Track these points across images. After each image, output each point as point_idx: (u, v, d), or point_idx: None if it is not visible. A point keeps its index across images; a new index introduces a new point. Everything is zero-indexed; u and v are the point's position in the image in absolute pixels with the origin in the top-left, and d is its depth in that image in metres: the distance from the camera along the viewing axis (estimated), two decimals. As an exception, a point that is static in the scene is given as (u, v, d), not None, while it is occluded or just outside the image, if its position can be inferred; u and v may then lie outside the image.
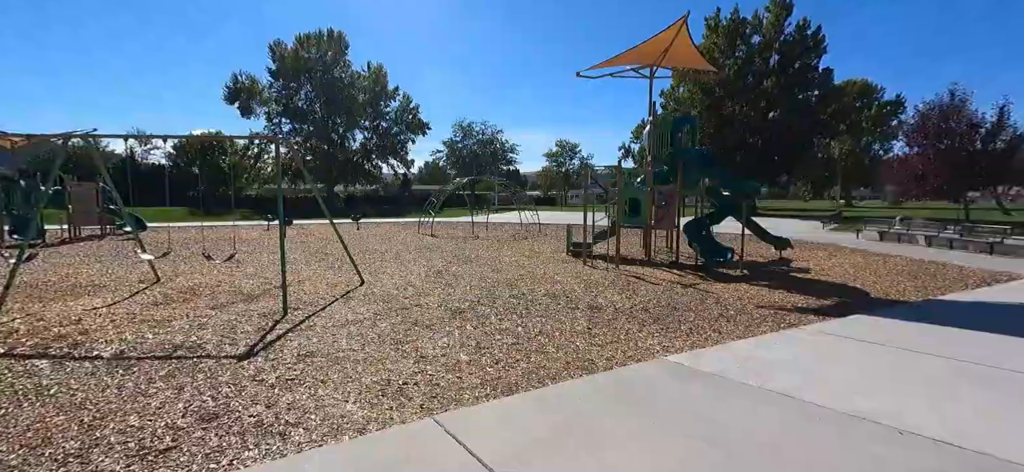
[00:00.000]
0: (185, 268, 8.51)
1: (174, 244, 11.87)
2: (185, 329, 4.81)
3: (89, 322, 5.06)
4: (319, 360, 3.91)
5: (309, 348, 4.21)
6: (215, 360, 3.90)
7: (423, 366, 3.79)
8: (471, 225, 17.92)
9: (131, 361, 3.88)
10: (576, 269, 9.07)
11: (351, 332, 4.69)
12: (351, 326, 4.90)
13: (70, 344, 4.32)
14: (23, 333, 4.64)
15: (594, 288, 7.17)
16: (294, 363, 3.83)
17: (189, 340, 4.44)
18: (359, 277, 7.44)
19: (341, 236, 7.74)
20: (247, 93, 44.34)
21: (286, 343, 4.36)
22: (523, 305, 5.93)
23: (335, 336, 4.55)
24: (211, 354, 4.05)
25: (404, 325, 4.96)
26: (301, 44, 45.25)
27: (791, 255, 11.31)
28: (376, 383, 3.45)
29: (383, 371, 3.68)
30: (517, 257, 10.75)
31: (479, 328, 4.90)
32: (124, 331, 4.72)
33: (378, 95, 48.83)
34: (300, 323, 5.04)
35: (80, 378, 3.51)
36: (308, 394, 3.26)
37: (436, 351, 4.15)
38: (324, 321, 5.08)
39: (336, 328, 4.83)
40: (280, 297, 5.94)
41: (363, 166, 49.43)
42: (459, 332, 4.77)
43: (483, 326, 4.98)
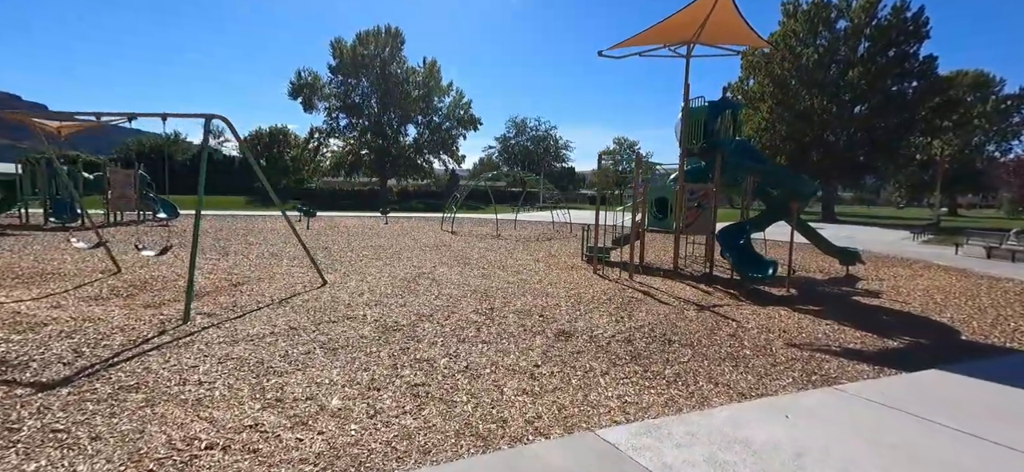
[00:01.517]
0: (169, 259, 8.25)
1: (184, 233, 11.95)
2: (42, 338, 4.22)
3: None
4: (131, 401, 2.96)
5: (142, 379, 3.29)
6: (6, 387, 3.12)
7: (257, 417, 2.83)
8: (496, 223, 16.94)
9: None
10: (581, 278, 7.79)
11: (230, 354, 3.81)
12: (244, 344, 4.06)
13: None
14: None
15: (584, 305, 5.90)
16: (95, 401, 2.92)
17: (17, 353, 3.80)
18: (321, 278, 6.67)
19: (297, 231, 7.07)
20: (309, 89, 46.24)
21: (125, 367, 3.50)
22: (477, 325, 4.83)
23: (203, 360, 3.67)
24: (10, 379, 3.29)
25: (307, 346, 4.05)
26: (361, 41, 46.54)
27: (861, 272, 9.23)
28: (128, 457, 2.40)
29: (178, 430, 2.76)
30: (524, 261, 9.60)
31: (395, 356, 3.88)
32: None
33: (431, 90, 49.24)
34: (187, 336, 4.27)
35: None
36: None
37: (302, 392, 3.17)
38: (221, 335, 4.29)
39: (222, 346, 4.00)
40: (223, 296, 5.28)
41: (415, 161, 50.09)
42: (365, 359, 3.78)
43: (403, 353, 3.95)
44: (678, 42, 9.19)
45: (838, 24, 33.39)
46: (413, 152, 50.03)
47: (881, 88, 31.39)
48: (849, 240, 16.02)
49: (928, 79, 31.58)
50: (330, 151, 49.01)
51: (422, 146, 50.19)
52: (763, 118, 35.10)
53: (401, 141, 50.05)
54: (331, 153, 49.03)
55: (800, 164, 34.96)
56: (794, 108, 33.62)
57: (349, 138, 48.04)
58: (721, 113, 8.73)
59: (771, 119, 34.78)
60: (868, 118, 32.50)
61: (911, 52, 31.69)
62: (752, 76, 37.16)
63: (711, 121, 8.56)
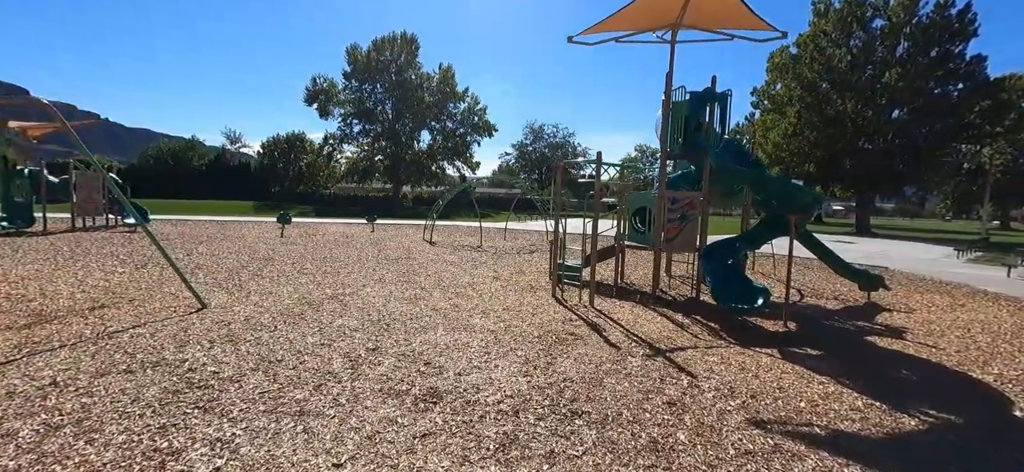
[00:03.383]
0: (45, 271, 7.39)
1: (167, 238, 11.24)
2: None
3: None
4: None
5: None
6: None
7: None
8: (480, 232, 15.70)
9: None
10: (531, 303, 6.48)
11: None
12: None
13: None
14: None
15: (501, 346, 4.60)
16: None
17: None
18: (199, 301, 5.58)
19: (158, 242, 5.95)
20: (325, 95, 46.33)
21: None
22: (322, 381, 3.62)
23: None
24: None
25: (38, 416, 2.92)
26: (376, 48, 46.43)
27: (886, 299, 7.58)
28: None
29: None
30: (481, 279, 8.35)
31: (133, 436, 2.70)
32: None
33: (446, 96, 48.72)
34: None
35: None
36: None
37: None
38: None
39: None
40: (56, 324, 4.25)
41: (429, 167, 49.53)
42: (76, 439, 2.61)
43: (159, 431, 2.77)
44: (662, 26, 7.83)
45: (874, 23, 30.94)
46: (427, 158, 49.52)
47: (922, 91, 28.76)
48: (881, 256, 14.09)
49: (976, 80, 28.70)
50: (344, 157, 48.97)
51: (436, 152, 49.63)
52: (790, 124, 32.82)
53: (415, 147, 49.66)
54: (346, 159, 48.98)
55: (832, 173, 32.48)
56: (825, 113, 31.26)
57: (363, 144, 47.91)
58: (705, 106, 7.29)
59: (799, 125, 32.46)
60: (908, 123, 29.88)
61: (956, 51, 28.93)
62: (779, 79, 34.94)
63: (693, 116, 7.14)
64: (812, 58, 31.46)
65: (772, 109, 35.73)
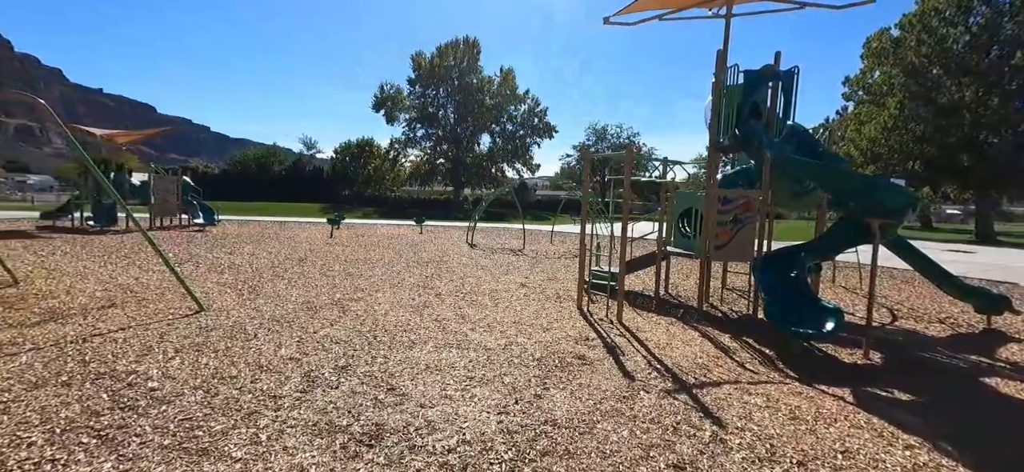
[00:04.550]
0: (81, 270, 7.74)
1: (221, 237, 11.86)
2: None
3: None
4: None
5: None
6: None
7: None
8: (523, 235, 15.00)
9: None
10: (550, 316, 5.71)
11: None
12: None
13: None
14: None
15: (494, 368, 3.90)
16: None
17: None
18: (197, 304, 5.43)
19: (154, 244, 5.86)
20: (391, 101, 48.16)
21: None
22: (238, 416, 3.15)
23: None
24: None
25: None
26: (440, 53, 47.52)
27: (1013, 326, 5.89)
28: None
29: None
30: (507, 286, 7.69)
31: None
32: None
33: (507, 99, 48.74)
34: None
35: None
36: None
37: None
38: None
39: None
40: (58, 323, 4.25)
41: (489, 169, 49.78)
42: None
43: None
44: (712, 2, 6.73)
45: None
46: (487, 161, 49.83)
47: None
48: (1003, 271, 11.52)
49: None
50: (409, 161, 50.60)
51: (496, 155, 49.78)
52: (890, 116, 28.75)
53: (475, 150, 50.19)
54: (410, 162, 50.59)
55: (943, 171, 28.00)
56: (935, 102, 26.99)
57: (426, 148, 49.20)
58: (764, 87, 6.08)
59: (901, 117, 28.34)
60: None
61: (1116, 22, 23.70)
62: (877, 67, 30.83)
63: (748, 101, 5.97)
64: (919, 40, 27.34)
65: (868, 100, 31.62)
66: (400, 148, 49.24)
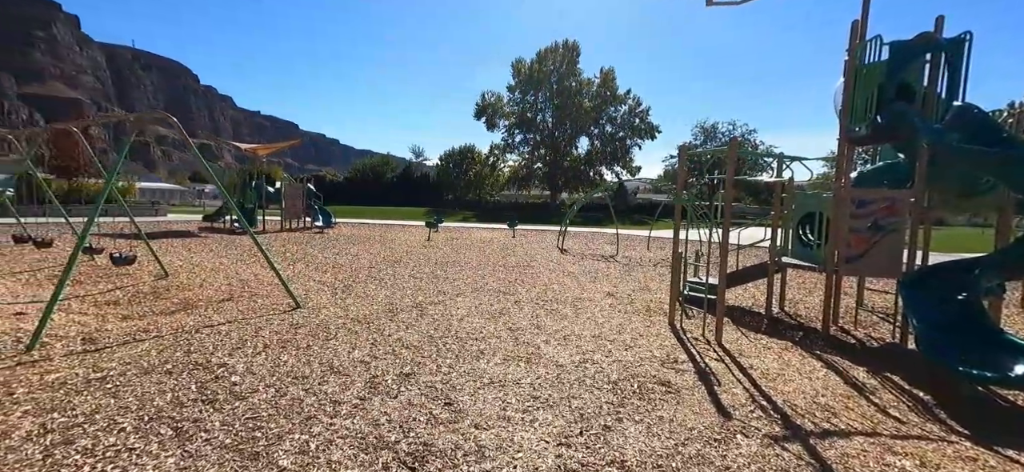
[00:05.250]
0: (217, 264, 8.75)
1: (335, 238, 13.11)
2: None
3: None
4: None
5: None
6: None
7: None
8: (617, 240, 14.14)
9: None
10: (637, 332, 5.16)
11: None
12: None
13: None
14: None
15: (552, 389, 3.54)
16: None
17: None
18: (294, 301, 5.83)
19: (261, 247, 6.33)
20: (492, 109, 49.61)
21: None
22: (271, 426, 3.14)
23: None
24: None
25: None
26: (540, 58, 47.86)
27: None
28: None
29: None
30: (592, 296, 7.21)
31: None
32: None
33: (606, 100, 47.44)
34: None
35: None
36: None
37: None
38: None
39: None
40: (152, 318, 4.90)
41: (587, 173, 48.84)
42: None
43: (134, 442, 2.58)
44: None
45: None
46: (584, 164, 48.96)
47: None
48: None
49: None
50: (507, 166, 51.67)
51: (594, 157, 48.69)
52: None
53: (573, 153, 49.62)
54: (508, 167, 51.64)
55: None
56: None
57: (524, 153, 49.84)
58: (917, 62, 4.83)
59: None
60: None
61: None
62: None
63: (894, 80, 4.78)
64: None
65: None
66: (499, 153, 50.51)
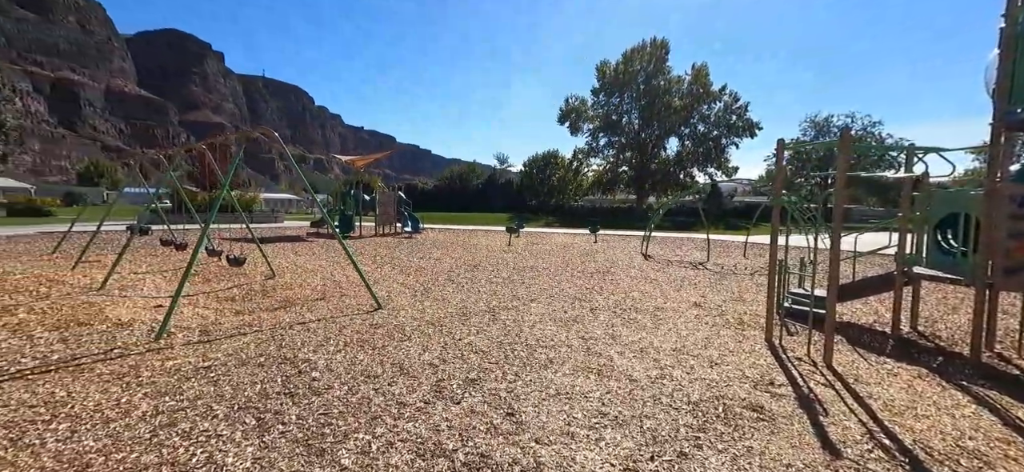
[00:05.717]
0: (315, 266, 9.46)
1: (421, 243, 13.84)
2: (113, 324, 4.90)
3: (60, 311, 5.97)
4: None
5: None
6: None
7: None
8: (708, 246, 13.02)
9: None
10: (717, 345, 4.65)
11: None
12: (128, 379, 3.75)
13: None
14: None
15: (622, 405, 3.26)
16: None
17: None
18: (375, 302, 6.12)
19: (349, 251, 6.62)
20: (576, 113, 49.17)
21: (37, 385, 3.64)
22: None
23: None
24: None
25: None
26: (626, 59, 46.58)
27: None
28: None
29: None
30: (675, 304, 6.69)
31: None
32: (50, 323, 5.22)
33: (698, 97, 44.73)
34: (122, 354, 4.28)
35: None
36: None
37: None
38: (160, 363, 4.14)
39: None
40: (251, 314, 5.43)
41: (677, 175, 46.35)
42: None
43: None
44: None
45: None
46: (674, 166, 46.54)
47: None
48: None
49: None
50: (591, 170, 50.83)
51: (684, 158, 46.08)
52: None
53: (661, 155, 47.46)
54: (592, 171, 50.77)
55: None
56: None
57: (608, 156, 48.67)
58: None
59: None
60: None
61: None
62: None
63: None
64: None
65: None
66: (583, 158, 49.87)
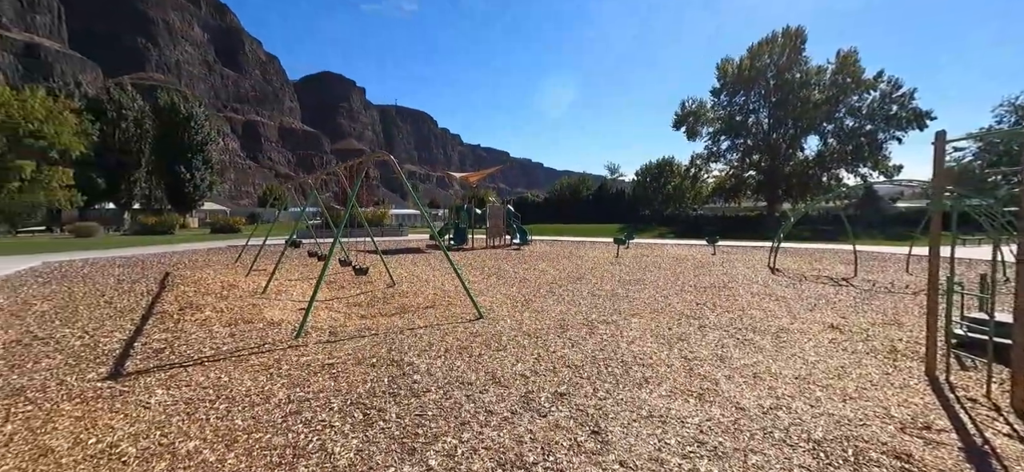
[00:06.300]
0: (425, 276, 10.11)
1: (527, 255, 14.26)
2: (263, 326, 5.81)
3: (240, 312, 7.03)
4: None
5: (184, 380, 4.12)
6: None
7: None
8: (855, 260, 10.99)
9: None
10: (856, 377, 3.94)
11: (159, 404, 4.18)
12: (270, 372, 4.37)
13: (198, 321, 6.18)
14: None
15: (726, 438, 2.92)
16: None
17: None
18: (477, 311, 6.37)
19: (453, 262, 6.89)
20: (693, 116, 46.09)
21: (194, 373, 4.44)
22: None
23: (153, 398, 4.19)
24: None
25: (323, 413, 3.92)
26: (752, 54, 42.62)
27: None
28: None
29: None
30: (805, 325, 5.84)
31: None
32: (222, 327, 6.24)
33: (844, 88, 38.89)
34: (276, 349, 4.96)
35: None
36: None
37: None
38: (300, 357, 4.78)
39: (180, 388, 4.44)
40: (385, 316, 6.05)
41: (818, 177, 40.62)
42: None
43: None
44: None
45: None
46: (814, 167, 40.93)
47: None
48: None
49: None
50: (712, 176, 47.05)
51: (828, 158, 40.27)
52: None
53: (798, 156, 42.11)
54: (713, 178, 46.97)
55: None
56: None
57: (731, 160, 44.64)
58: None
59: None
60: None
61: None
62: None
63: None
64: None
65: None
66: (702, 164, 46.41)
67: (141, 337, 5.24)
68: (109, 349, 4.81)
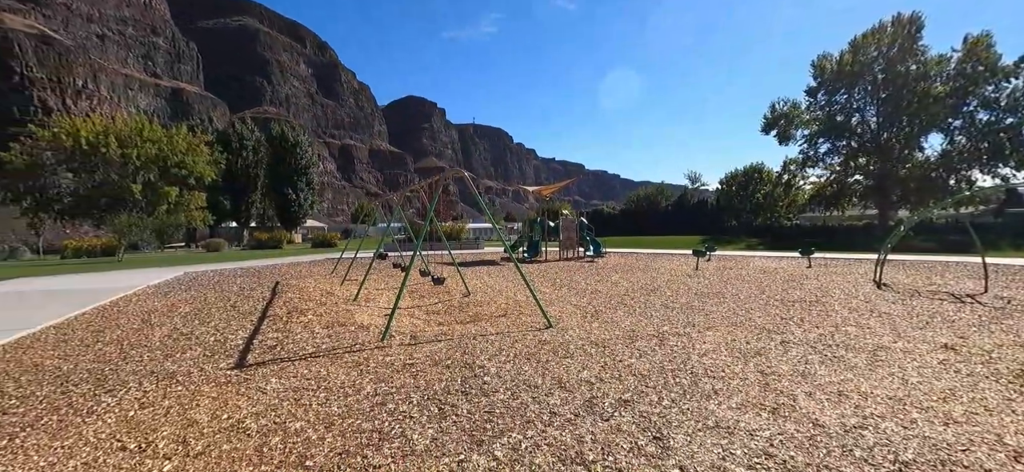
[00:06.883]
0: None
1: (601, 267, 14.27)
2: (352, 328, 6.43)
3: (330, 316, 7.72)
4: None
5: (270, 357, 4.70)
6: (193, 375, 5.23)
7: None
8: (984, 272, 9.44)
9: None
10: (966, 403, 3.53)
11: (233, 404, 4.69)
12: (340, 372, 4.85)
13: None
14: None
15: (816, 459, 2.81)
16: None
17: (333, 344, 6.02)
18: (547, 321, 6.52)
19: (523, 273, 7.04)
20: (785, 119, 42.70)
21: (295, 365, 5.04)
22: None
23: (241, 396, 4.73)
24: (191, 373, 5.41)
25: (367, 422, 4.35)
26: (855, 47, 38.77)
27: None
28: None
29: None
30: (912, 344, 5.27)
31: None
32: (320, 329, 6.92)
33: (974, 78, 33.86)
34: (345, 352, 5.47)
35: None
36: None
37: (293, 408, 3.59)
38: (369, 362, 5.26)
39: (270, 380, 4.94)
40: (456, 324, 6.47)
41: (943, 180, 35.53)
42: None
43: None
44: None
45: None
46: (939, 168, 35.90)
47: None
48: None
49: None
50: (809, 183, 43.03)
51: (954, 158, 35.14)
52: None
53: (916, 157, 37.23)
54: (810, 185, 42.92)
55: None
56: None
57: (831, 164, 40.54)
58: None
59: None
60: None
61: None
62: None
63: None
64: None
65: None
66: (796, 169, 42.66)
67: (258, 335, 6.11)
68: (235, 344, 5.69)
